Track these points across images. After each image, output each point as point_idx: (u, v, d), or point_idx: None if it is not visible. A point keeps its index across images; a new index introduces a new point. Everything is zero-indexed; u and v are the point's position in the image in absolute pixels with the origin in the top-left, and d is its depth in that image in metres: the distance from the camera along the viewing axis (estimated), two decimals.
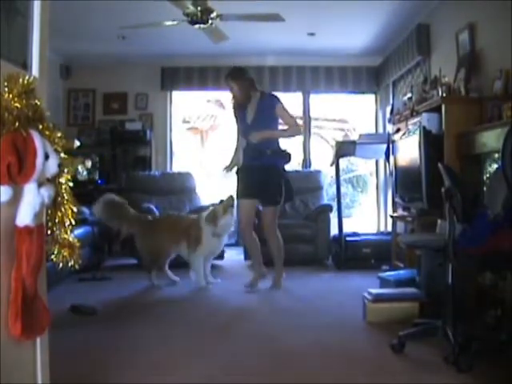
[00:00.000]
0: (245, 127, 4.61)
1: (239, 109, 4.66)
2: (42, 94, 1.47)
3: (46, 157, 1.36)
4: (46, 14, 1.57)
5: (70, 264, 1.50)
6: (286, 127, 4.66)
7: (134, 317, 3.75)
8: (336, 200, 6.19)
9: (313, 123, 8.12)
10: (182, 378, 2.53)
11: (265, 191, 4.52)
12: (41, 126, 1.38)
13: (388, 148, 4.97)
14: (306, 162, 7.65)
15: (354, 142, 6.13)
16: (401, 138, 4.50)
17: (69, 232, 1.51)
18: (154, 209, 6.19)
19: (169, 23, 5.11)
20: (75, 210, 1.51)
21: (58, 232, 1.49)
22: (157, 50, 6.95)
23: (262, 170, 4.48)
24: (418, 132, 3.77)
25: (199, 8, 4.77)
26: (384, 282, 4.18)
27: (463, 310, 2.92)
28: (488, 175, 3.68)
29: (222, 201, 4.79)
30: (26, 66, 1.50)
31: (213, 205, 4.96)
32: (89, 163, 7.05)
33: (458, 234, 2.68)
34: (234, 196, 4.69)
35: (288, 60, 7.31)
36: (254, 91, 4.61)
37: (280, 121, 4.63)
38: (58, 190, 1.46)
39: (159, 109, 7.59)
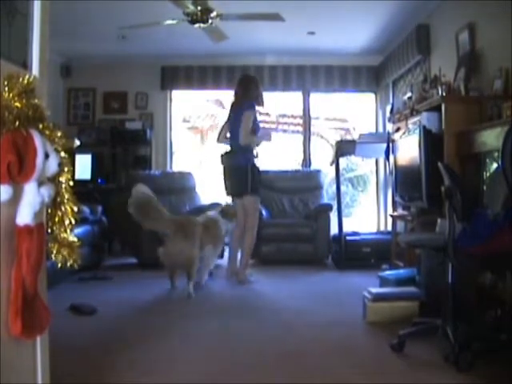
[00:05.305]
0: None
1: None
2: (42, 93, 1.47)
3: (46, 156, 1.36)
4: (46, 14, 1.57)
5: (69, 263, 1.50)
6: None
7: (134, 316, 3.76)
8: (336, 199, 6.19)
9: (313, 122, 8.11)
10: (181, 377, 2.53)
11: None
12: (41, 126, 1.38)
13: (388, 147, 4.97)
14: (306, 161, 7.64)
15: (353, 142, 6.13)
16: (401, 137, 4.50)
17: (69, 231, 1.51)
18: None
19: (169, 22, 5.11)
20: (75, 209, 1.51)
21: (57, 231, 1.49)
22: (157, 49, 6.94)
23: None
24: (417, 131, 3.77)
25: (199, 7, 4.77)
26: (384, 281, 4.18)
27: (463, 309, 2.92)
28: (488, 174, 3.68)
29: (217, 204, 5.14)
30: (26, 65, 1.50)
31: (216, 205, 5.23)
32: None
33: (457, 232, 2.68)
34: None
35: (288, 59, 7.30)
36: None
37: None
38: (58, 189, 1.47)
39: (159, 108, 7.59)
